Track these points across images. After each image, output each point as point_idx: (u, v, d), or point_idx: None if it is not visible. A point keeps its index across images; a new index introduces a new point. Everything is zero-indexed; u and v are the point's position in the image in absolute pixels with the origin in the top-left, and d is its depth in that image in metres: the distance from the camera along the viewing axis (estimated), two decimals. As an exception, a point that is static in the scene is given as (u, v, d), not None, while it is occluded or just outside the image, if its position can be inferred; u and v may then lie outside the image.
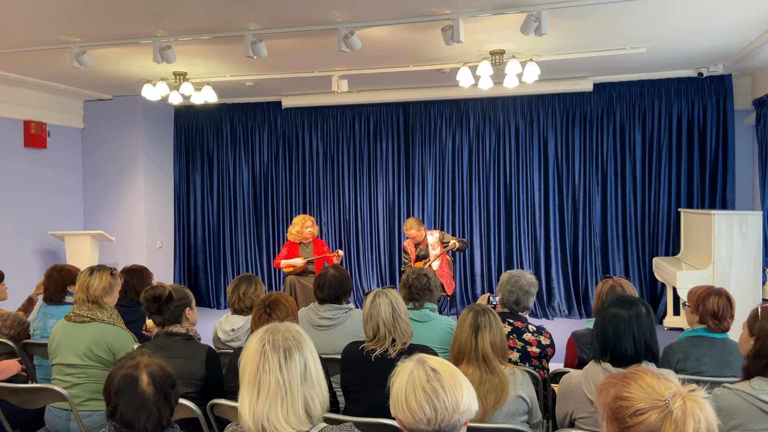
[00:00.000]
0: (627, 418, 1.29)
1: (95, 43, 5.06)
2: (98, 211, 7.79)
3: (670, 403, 1.26)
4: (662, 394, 1.29)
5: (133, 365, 1.79)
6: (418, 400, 1.45)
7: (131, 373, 1.76)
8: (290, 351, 1.60)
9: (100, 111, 7.74)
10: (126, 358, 1.86)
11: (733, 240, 5.62)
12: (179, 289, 2.84)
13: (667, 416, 1.25)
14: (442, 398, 1.44)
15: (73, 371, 2.97)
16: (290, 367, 1.58)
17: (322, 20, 4.51)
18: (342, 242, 7.95)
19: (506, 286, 3.26)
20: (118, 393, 1.74)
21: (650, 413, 1.27)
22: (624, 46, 5.42)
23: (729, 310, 2.78)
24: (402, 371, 1.52)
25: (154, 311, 2.77)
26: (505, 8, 4.26)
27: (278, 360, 1.58)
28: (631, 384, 1.33)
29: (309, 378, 1.60)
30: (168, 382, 1.79)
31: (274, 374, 1.56)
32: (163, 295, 2.75)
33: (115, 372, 1.80)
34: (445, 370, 1.49)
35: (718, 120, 6.63)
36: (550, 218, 7.26)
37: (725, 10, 4.38)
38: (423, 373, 1.48)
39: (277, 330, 1.65)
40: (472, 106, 7.47)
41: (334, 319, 3.35)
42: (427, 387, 1.45)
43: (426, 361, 1.51)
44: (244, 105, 8.14)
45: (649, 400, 1.28)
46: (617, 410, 1.32)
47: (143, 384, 1.74)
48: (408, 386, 1.47)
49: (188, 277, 8.41)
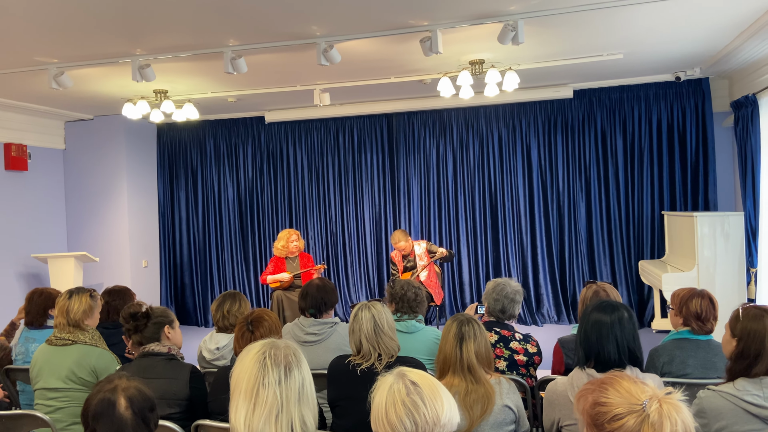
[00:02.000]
0: (605, 424, 1.30)
1: (73, 64, 5.03)
2: (81, 233, 7.71)
3: (647, 407, 1.27)
4: (639, 398, 1.29)
5: (111, 389, 1.76)
6: (399, 414, 1.43)
7: (108, 397, 1.73)
8: (290, 367, 1.60)
9: (81, 131, 7.69)
10: (104, 381, 1.83)
11: (716, 241, 5.67)
12: (159, 308, 2.81)
13: (644, 420, 1.26)
14: (422, 412, 1.42)
15: (56, 395, 2.93)
16: (289, 383, 1.58)
17: (300, 35, 4.52)
18: (329, 255, 7.93)
19: (492, 294, 3.26)
20: (96, 417, 1.71)
21: (628, 418, 1.27)
22: (601, 53, 5.48)
23: (712, 311, 2.79)
24: (382, 385, 1.50)
25: (131, 329, 2.74)
26: (482, 18, 4.29)
27: (278, 375, 1.58)
28: (608, 389, 1.34)
29: (305, 396, 1.61)
30: (146, 406, 1.75)
31: (272, 389, 1.55)
32: (139, 312, 2.72)
33: (93, 396, 1.76)
34: (425, 383, 1.48)
35: (697, 123, 6.71)
36: (536, 225, 7.29)
37: (699, 15, 4.44)
38: (403, 386, 1.46)
39: (278, 345, 1.65)
40: (455, 115, 7.51)
41: (319, 334, 3.33)
42: (407, 401, 1.44)
43: (406, 374, 1.50)
44: (227, 121, 8.13)
45: (626, 405, 1.29)
46: (596, 416, 1.32)
47: (121, 408, 1.71)
48: (388, 400, 1.46)
49: (175, 295, 8.34)
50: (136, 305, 2.78)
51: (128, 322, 2.75)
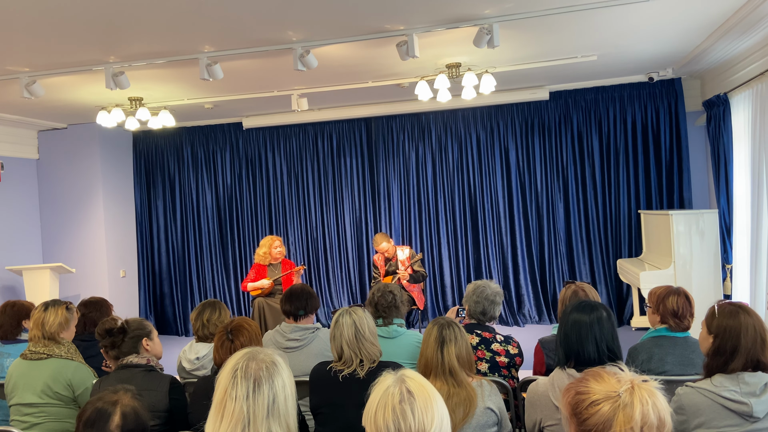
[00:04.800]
0: (583, 411, 1.34)
1: (45, 72, 4.95)
2: (57, 243, 7.58)
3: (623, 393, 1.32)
4: (616, 388, 1.34)
5: (111, 401, 1.74)
6: (386, 418, 1.42)
7: (106, 409, 1.72)
8: (260, 382, 1.56)
9: (55, 140, 7.57)
10: (110, 390, 1.82)
11: (692, 238, 5.75)
12: (135, 321, 2.77)
13: (619, 406, 1.30)
14: (409, 422, 1.41)
15: (32, 411, 2.87)
16: (257, 398, 1.54)
17: (276, 40, 4.50)
18: (311, 260, 7.89)
19: (472, 297, 3.27)
20: (87, 424, 1.71)
21: (603, 404, 1.32)
22: (576, 55, 5.55)
23: (688, 308, 2.83)
24: (381, 383, 1.48)
25: (107, 345, 2.69)
26: (458, 22, 4.32)
27: (246, 389, 1.55)
28: (589, 380, 1.39)
29: (276, 412, 1.56)
30: (138, 429, 1.73)
31: (239, 402, 1.53)
32: (114, 327, 2.67)
33: (93, 402, 1.76)
34: (421, 395, 1.44)
35: (671, 122, 6.82)
36: (515, 226, 7.34)
37: (670, 16, 4.52)
38: (398, 392, 1.44)
39: (255, 357, 1.61)
40: (434, 118, 7.54)
41: (301, 340, 3.31)
42: (397, 408, 1.42)
43: (405, 380, 1.46)
44: (205, 127, 8.06)
45: (603, 393, 1.34)
46: (575, 405, 1.37)
47: (113, 424, 1.70)
48: (380, 402, 1.44)
49: (154, 305, 8.23)
50: (110, 320, 2.71)
51: (104, 338, 2.70)
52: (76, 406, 2.93)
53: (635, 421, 1.28)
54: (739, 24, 4.59)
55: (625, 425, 1.28)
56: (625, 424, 1.28)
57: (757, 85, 5.04)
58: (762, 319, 2.21)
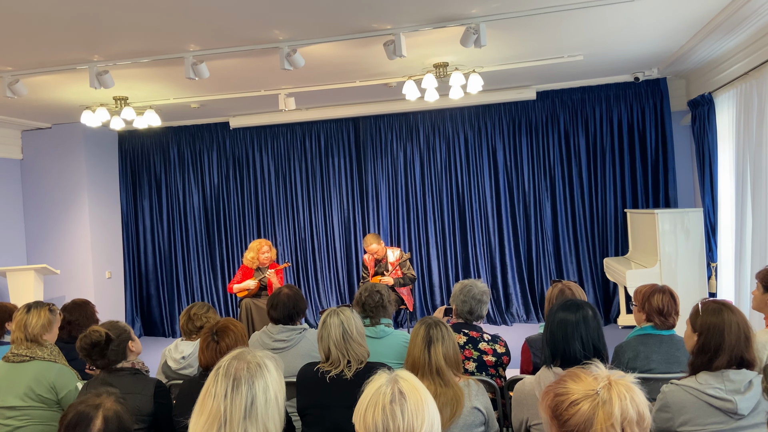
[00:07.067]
0: (563, 413, 1.34)
1: (28, 71, 4.89)
2: (41, 244, 7.49)
3: (600, 391, 1.33)
4: (594, 386, 1.35)
5: (94, 405, 1.72)
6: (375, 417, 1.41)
7: (87, 412, 1.70)
8: (239, 382, 1.55)
9: (39, 140, 7.48)
10: (93, 393, 1.80)
11: (677, 237, 5.80)
12: (114, 326, 2.70)
13: (598, 403, 1.31)
14: (398, 423, 1.40)
15: (15, 414, 2.84)
16: (234, 398, 1.53)
17: (262, 39, 4.48)
18: (299, 261, 7.87)
19: (459, 296, 3.27)
20: (68, 428, 1.69)
21: (583, 403, 1.32)
22: (562, 55, 5.57)
23: (673, 306, 2.85)
24: (374, 382, 1.47)
25: (96, 357, 2.62)
26: (445, 22, 4.32)
27: (225, 387, 1.54)
28: (567, 381, 1.40)
29: (254, 415, 1.55)
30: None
31: (217, 401, 1.53)
32: (101, 339, 2.60)
33: (75, 405, 1.74)
34: (413, 397, 1.43)
35: (656, 122, 6.87)
36: (503, 225, 7.36)
37: (655, 17, 4.55)
38: (389, 392, 1.43)
39: (242, 357, 1.61)
40: (422, 118, 7.54)
41: (288, 341, 3.30)
42: (387, 408, 1.41)
43: (398, 381, 1.45)
44: (191, 127, 8.00)
45: (582, 392, 1.34)
46: (555, 408, 1.37)
47: (94, 428, 1.68)
48: (371, 400, 1.44)
49: (141, 306, 8.17)
50: (92, 333, 2.61)
51: (91, 351, 2.63)
52: (60, 409, 2.89)
53: (615, 417, 1.29)
54: (723, 24, 4.63)
55: (606, 422, 1.29)
56: (605, 421, 1.29)
57: (741, 84, 5.09)
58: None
